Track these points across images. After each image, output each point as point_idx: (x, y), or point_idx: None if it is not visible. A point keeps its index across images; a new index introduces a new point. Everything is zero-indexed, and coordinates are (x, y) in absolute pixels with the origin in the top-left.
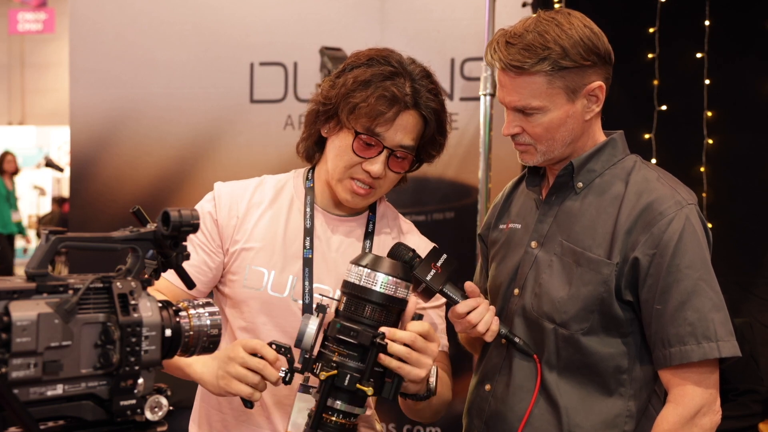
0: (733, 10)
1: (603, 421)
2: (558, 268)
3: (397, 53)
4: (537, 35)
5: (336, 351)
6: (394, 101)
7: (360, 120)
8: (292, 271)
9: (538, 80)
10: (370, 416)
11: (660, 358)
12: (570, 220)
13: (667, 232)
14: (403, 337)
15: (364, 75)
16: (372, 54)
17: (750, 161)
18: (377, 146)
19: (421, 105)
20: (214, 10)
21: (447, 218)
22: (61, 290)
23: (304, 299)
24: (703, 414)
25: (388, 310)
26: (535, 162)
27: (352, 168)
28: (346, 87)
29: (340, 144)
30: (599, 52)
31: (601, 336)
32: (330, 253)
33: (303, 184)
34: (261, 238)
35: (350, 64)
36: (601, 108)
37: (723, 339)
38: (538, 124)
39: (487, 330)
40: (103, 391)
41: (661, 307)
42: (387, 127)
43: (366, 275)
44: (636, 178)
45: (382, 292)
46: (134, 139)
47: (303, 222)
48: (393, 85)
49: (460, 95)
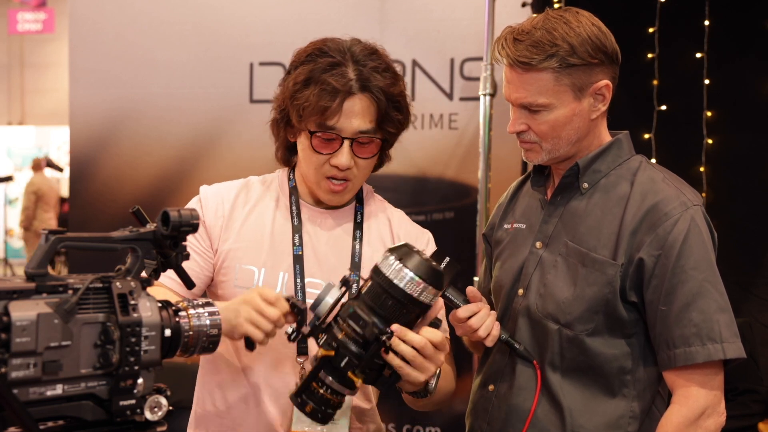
0: (733, 9)
1: (606, 422)
2: (563, 269)
3: (336, 40)
4: (545, 32)
5: (343, 330)
6: (336, 92)
7: (309, 119)
8: (282, 267)
9: (545, 77)
10: (370, 410)
11: (665, 360)
12: (575, 220)
13: (673, 233)
14: (413, 340)
15: (303, 74)
16: (310, 49)
17: (750, 161)
18: (336, 139)
19: (369, 87)
20: (214, 10)
21: (447, 218)
22: (60, 290)
23: (296, 295)
24: (707, 416)
25: (408, 310)
26: (539, 160)
27: (322, 167)
28: (289, 90)
29: (303, 147)
30: (607, 50)
31: (606, 337)
32: (320, 246)
33: (287, 183)
34: (249, 237)
35: (292, 64)
36: (608, 107)
37: (728, 340)
38: (544, 122)
39: (488, 335)
40: (103, 391)
41: (666, 308)
42: (337, 118)
43: (395, 269)
44: (641, 179)
45: (405, 291)
46: (134, 139)
47: (291, 220)
48: (332, 77)
49: (459, 95)
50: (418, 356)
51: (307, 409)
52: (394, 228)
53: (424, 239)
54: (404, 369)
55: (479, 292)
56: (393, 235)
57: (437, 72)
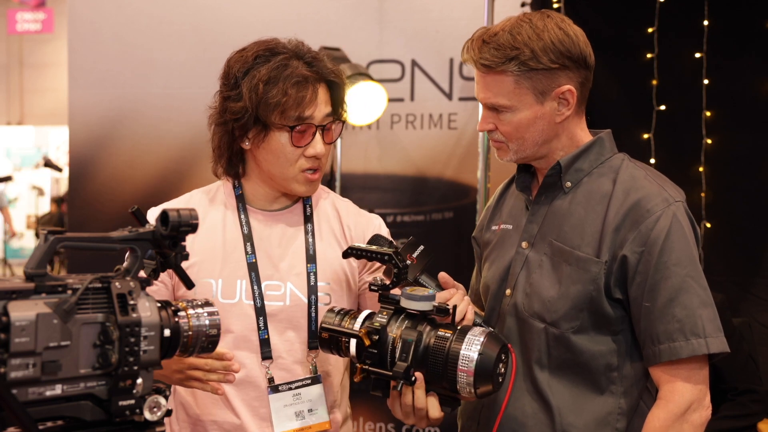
0: (732, 9)
1: (595, 420)
2: (548, 268)
3: (274, 40)
4: (509, 35)
5: (396, 341)
6: (306, 80)
7: (289, 113)
8: (239, 275)
9: (505, 80)
10: (338, 400)
11: (649, 355)
12: (559, 219)
13: (655, 230)
14: (419, 397)
15: (266, 73)
16: (255, 52)
17: (749, 161)
18: (309, 129)
19: (323, 74)
20: (213, 10)
21: (446, 218)
22: (59, 290)
23: (255, 302)
24: (693, 410)
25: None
26: (509, 159)
27: (298, 162)
28: (257, 93)
29: (274, 146)
30: (571, 55)
31: (591, 334)
32: (273, 249)
33: (233, 191)
34: (202, 251)
35: (240, 70)
36: (583, 109)
37: (711, 335)
38: (508, 123)
39: (463, 319)
40: (102, 391)
41: (650, 304)
42: (313, 107)
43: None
44: (623, 177)
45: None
46: (133, 138)
47: (240, 229)
48: (296, 70)
49: (458, 95)
50: (411, 414)
51: (324, 335)
52: (343, 219)
53: (374, 225)
54: (395, 402)
55: (451, 278)
56: (343, 226)
57: (436, 72)
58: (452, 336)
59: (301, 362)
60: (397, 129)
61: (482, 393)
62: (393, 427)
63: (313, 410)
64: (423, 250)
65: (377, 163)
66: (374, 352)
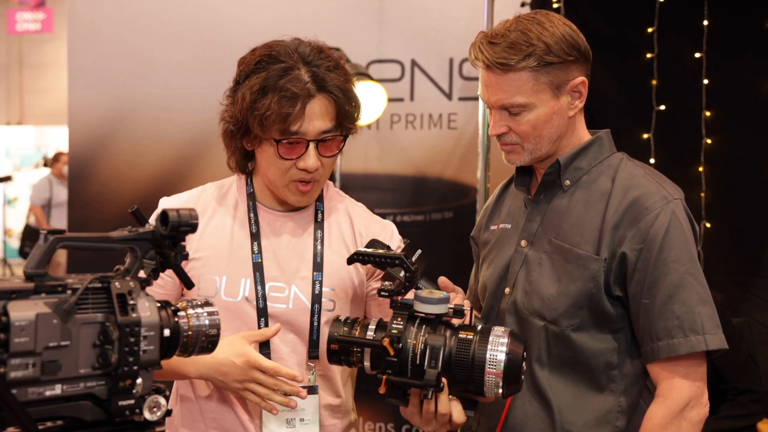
0: (732, 9)
1: (595, 418)
2: (547, 266)
3: (282, 43)
4: (520, 33)
5: (416, 347)
6: (296, 97)
7: (272, 128)
8: (243, 274)
9: (524, 77)
10: (341, 405)
11: (648, 352)
12: (558, 217)
13: (654, 227)
14: (442, 402)
15: (258, 83)
16: (257, 57)
17: (749, 161)
18: (301, 143)
19: (325, 87)
20: (213, 10)
21: (446, 218)
22: (59, 290)
23: (257, 303)
24: (691, 407)
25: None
26: (521, 161)
27: (288, 172)
28: (246, 101)
29: (267, 155)
30: (580, 48)
31: (591, 332)
32: (281, 251)
33: (245, 188)
34: (209, 246)
35: (242, 73)
36: (584, 105)
37: (710, 332)
38: (525, 122)
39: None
40: (102, 391)
41: (649, 301)
42: (300, 122)
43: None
44: (622, 175)
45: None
46: (133, 139)
47: (249, 228)
48: (289, 83)
49: (458, 95)
50: (433, 420)
51: (333, 347)
52: (355, 225)
53: (387, 232)
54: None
55: (450, 282)
56: (354, 232)
57: (436, 72)
58: (475, 338)
59: (301, 365)
60: (396, 129)
61: (508, 393)
62: (393, 427)
63: (305, 420)
64: (421, 253)
65: (377, 163)
66: (394, 360)
